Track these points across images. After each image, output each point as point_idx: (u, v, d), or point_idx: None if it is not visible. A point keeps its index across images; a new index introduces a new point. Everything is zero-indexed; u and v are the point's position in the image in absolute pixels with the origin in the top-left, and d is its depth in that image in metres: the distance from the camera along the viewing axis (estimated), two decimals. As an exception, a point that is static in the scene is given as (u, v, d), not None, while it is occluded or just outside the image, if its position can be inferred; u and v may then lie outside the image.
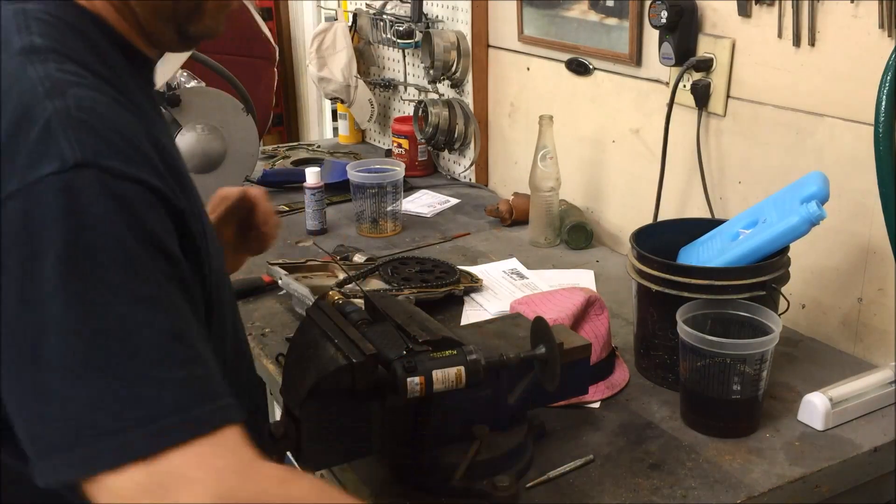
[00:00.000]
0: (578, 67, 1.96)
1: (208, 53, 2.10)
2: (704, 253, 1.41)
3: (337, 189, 2.22)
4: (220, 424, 0.68)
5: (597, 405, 1.31)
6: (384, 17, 2.52)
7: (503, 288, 1.71)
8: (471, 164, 2.39)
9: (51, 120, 0.69)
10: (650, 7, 1.65)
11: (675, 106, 1.69)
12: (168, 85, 1.96)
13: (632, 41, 1.78)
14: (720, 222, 1.47)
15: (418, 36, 2.37)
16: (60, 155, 0.67)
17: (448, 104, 2.32)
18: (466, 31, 2.27)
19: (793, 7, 1.44)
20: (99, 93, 0.73)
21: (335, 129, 3.11)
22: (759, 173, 1.58)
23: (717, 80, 1.61)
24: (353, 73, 2.65)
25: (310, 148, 2.81)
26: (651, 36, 1.74)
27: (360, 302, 1.18)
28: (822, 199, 1.27)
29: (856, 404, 1.26)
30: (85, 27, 0.80)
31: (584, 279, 1.76)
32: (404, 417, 1.08)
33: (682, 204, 1.76)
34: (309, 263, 1.72)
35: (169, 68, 1.90)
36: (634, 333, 1.42)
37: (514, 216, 2.08)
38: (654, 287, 1.31)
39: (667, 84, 1.73)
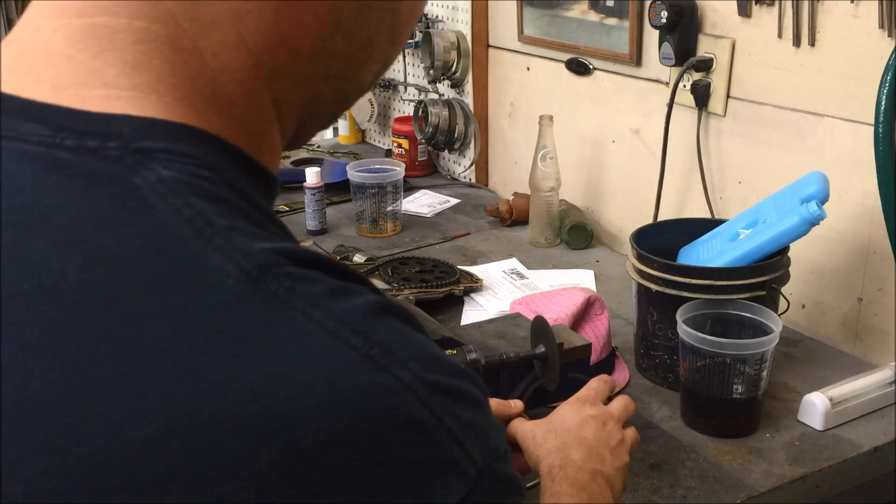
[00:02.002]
0: (578, 67, 1.96)
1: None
2: (704, 253, 1.41)
3: (337, 189, 2.22)
4: None
5: (597, 405, 1.31)
6: (384, 17, 2.51)
7: (503, 288, 1.71)
8: (471, 164, 2.39)
9: (425, 421, 0.41)
10: (650, 7, 1.65)
11: (675, 106, 1.69)
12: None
13: (632, 41, 1.78)
14: (720, 222, 1.47)
15: (418, 36, 2.37)
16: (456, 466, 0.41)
17: (448, 104, 2.32)
18: (466, 31, 2.27)
19: (793, 7, 1.44)
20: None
21: (335, 129, 3.11)
22: (759, 173, 1.58)
23: (717, 80, 1.61)
24: (353, 73, 2.64)
25: (310, 148, 2.81)
26: (651, 36, 1.74)
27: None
28: (822, 199, 1.27)
29: (856, 404, 1.26)
30: (234, 179, 0.45)
31: (584, 279, 1.76)
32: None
33: (682, 204, 1.76)
34: (309, 263, 1.72)
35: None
36: (634, 333, 1.42)
37: (514, 216, 2.08)
38: (654, 287, 1.31)
39: (667, 84, 1.73)
